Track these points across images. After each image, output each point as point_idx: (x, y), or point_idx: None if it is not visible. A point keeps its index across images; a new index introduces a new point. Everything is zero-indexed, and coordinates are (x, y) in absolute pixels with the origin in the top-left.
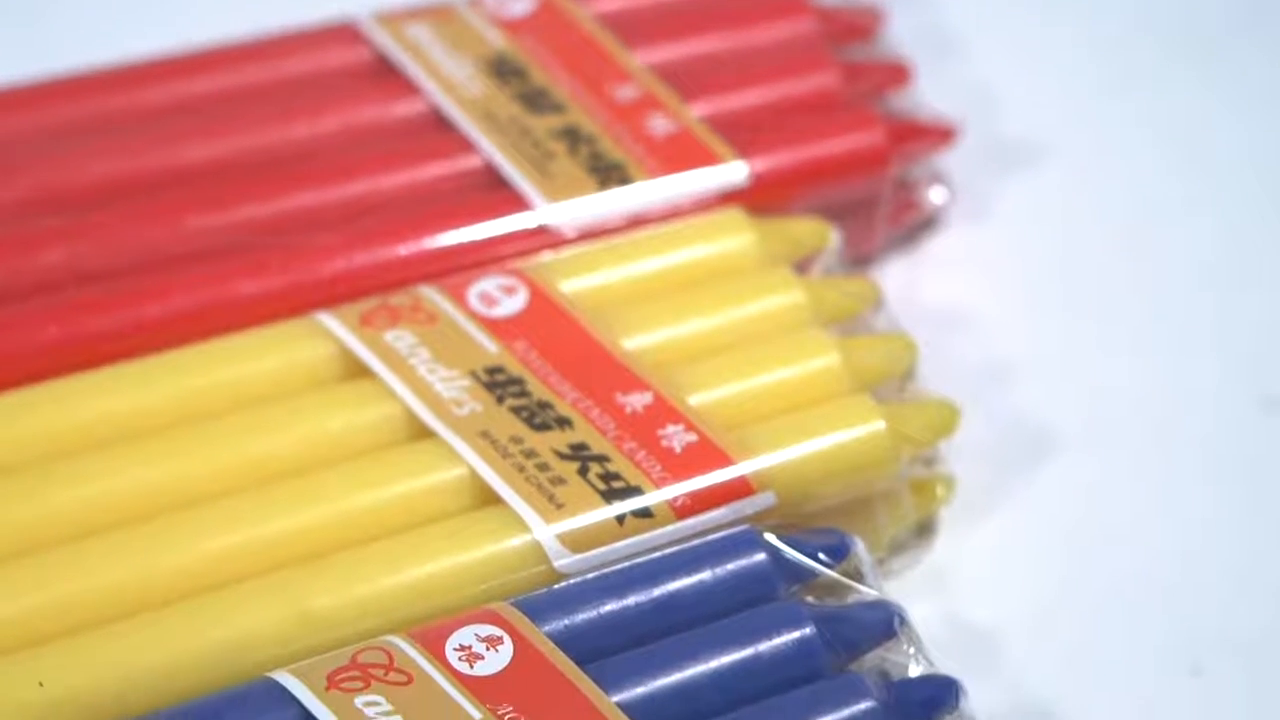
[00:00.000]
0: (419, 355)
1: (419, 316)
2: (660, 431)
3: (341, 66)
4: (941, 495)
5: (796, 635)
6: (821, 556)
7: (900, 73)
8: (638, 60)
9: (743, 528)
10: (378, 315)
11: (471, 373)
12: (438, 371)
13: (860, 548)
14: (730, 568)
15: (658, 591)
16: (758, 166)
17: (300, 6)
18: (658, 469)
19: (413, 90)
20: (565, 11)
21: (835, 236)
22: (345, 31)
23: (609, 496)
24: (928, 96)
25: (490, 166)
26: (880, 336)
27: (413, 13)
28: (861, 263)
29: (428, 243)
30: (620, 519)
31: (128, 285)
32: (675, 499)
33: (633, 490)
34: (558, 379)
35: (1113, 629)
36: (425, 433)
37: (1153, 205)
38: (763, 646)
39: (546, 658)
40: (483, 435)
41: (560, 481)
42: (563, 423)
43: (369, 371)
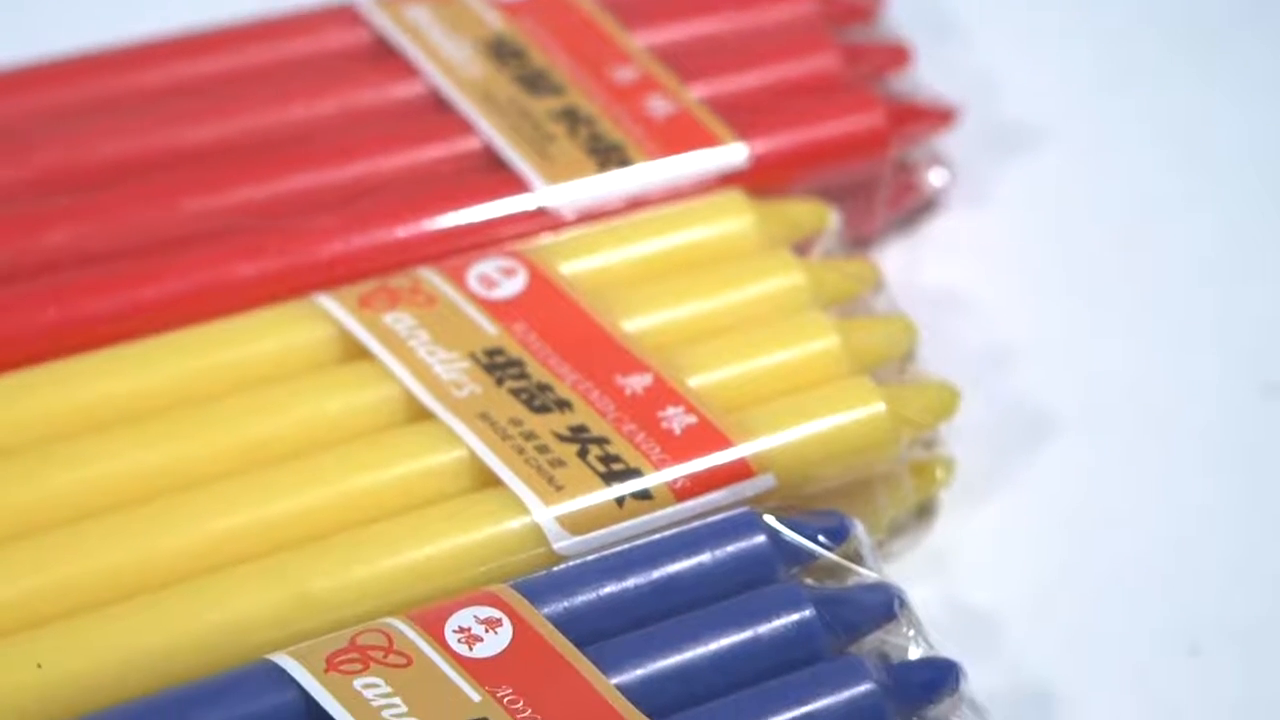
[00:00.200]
0: (418, 337)
1: (418, 298)
2: (660, 413)
3: (340, 48)
4: (941, 478)
5: (796, 617)
6: (821, 539)
7: (900, 55)
8: (637, 42)
9: (742, 510)
10: (377, 297)
11: (471, 355)
12: (437, 353)
13: (860, 530)
14: (730, 550)
15: (657, 574)
16: (757, 148)
17: None
18: (657, 451)
19: (412, 72)
20: None
21: (835, 218)
22: (344, 13)
23: (608, 479)
24: (928, 79)
25: (489, 148)
26: (880, 319)
27: None
28: (861, 245)
29: (427, 224)
30: (620, 501)
31: (126, 267)
32: (675, 481)
33: (632, 472)
34: (557, 361)
35: (1112, 611)
36: (424, 415)
37: (1153, 191)
38: (762, 629)
39: (546, 640)
40: (482, 417)
41: (560, 463)
42: (562, 405)
43: (368, 353)
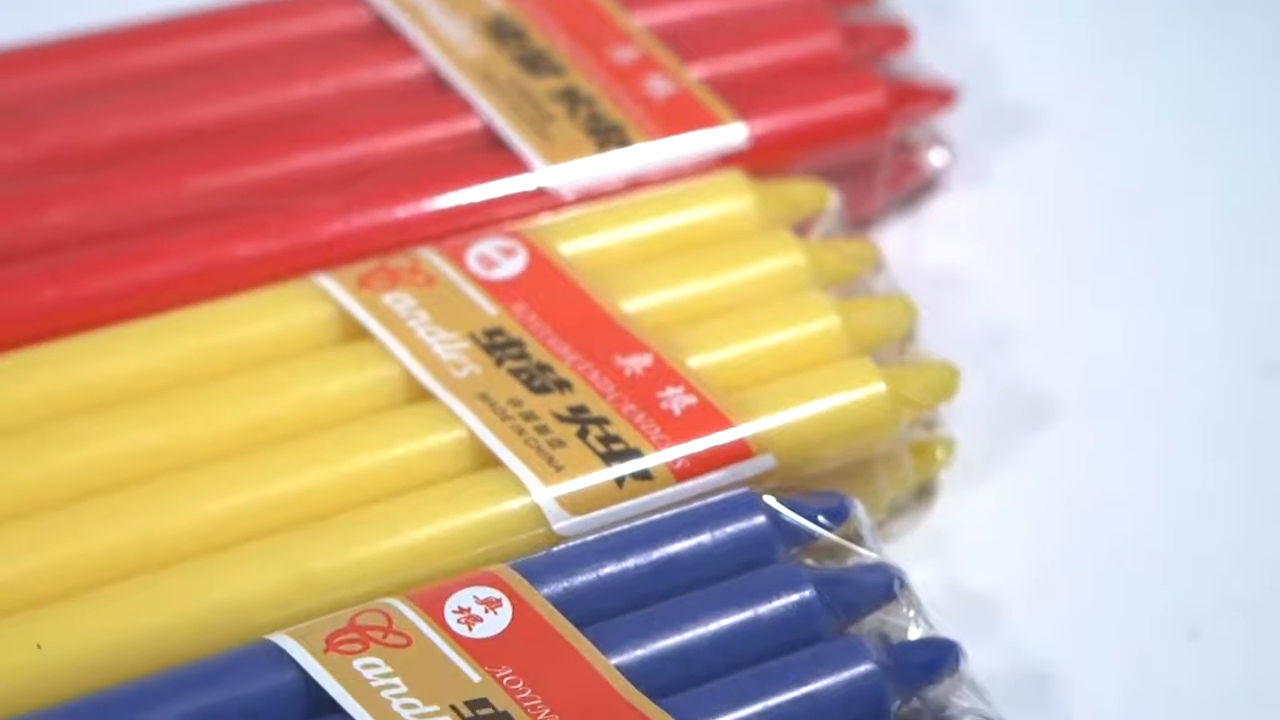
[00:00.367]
0: (418, 317)
1: (418, 279)
2: (660, 394)
3: (340, 28)
4: (941, 458)
5: (796, 598)
6: (821, 519)
7: (900, 35)
8: (637, 22)
9: (742, 490)
10: (376, 277)
11: (470, 335)
12: (437, 334)
13: (860, 510)
14: (730, 530)
15: (657, 554)
16: (757, 128)
17: None
18: (657, 431)
19: (411, 52)
20: None
21: (835, 199)
22: None
23: (608, 459)
24: (928, 59)
25: (489, 128)
26: (880, 299)
27: None
28: (861, 225)
29: (426, 205)
30: (619, 481)
31: (127, 247)
32: (675, 461)
33: (632, 453)
34: (557, 341)
35: (1111, 592)
36: (424, 395)
37: (1154, 170)
38: (762, 609)
39: (545, 620)
40: (482, 398)
41: (559, 444)
42: (562, 385)
43: (368, 334)
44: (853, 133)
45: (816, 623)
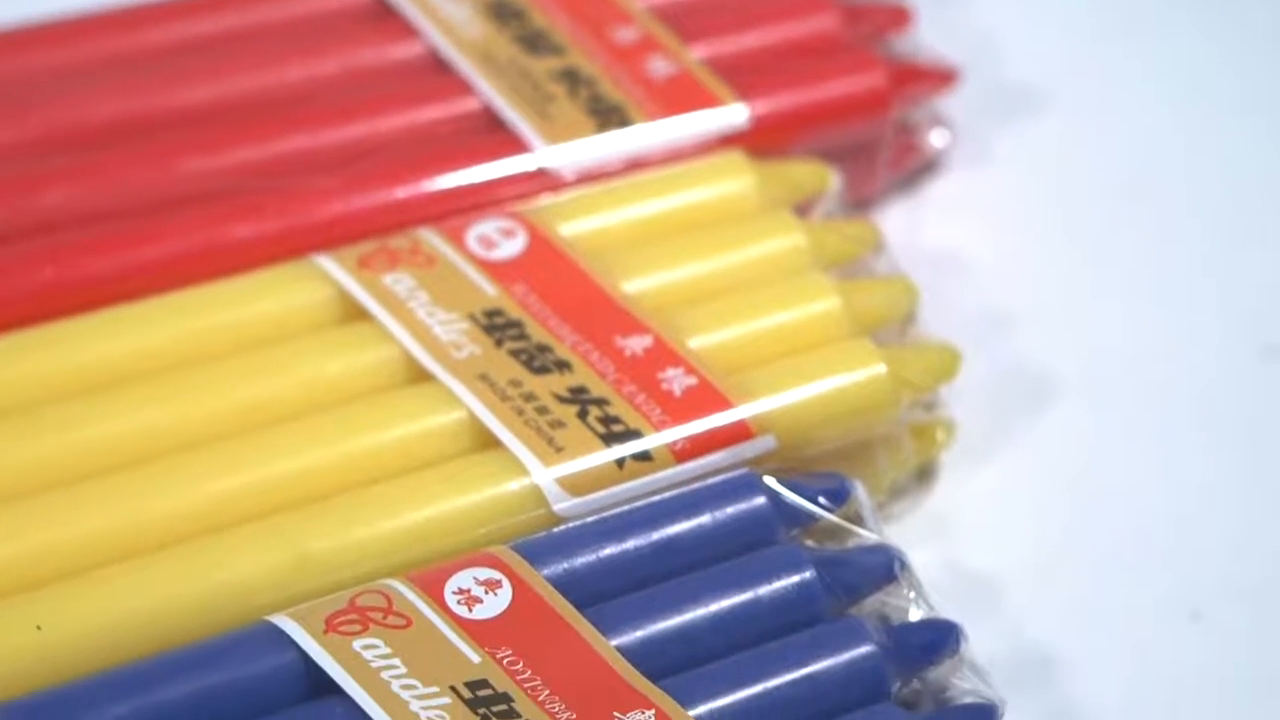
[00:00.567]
0: (417, 298)
1: (418, 259)
2: (660, 375)
3: (340, 8)
4: (942, 440)
5: (796, 579)
6: (821, 500)
7: (901, 15)
8: (637, 2)
9: (742, 471)
10: (376, 258)
11: (470, 315)
12: (436, 314)
13: (860, 492)
14: (730, 511)
15: (657, 535)
16: (758, 109)
17: None
18: (657, 412)
19: (411, 32)
20: None
21: (836, 179)
22: None
23: (608, 440)
24: (928, 39)
25: (489, 109)
26: (881, 280)
27: None
28: (862, 206)
29: (426, 185)
30: (620, 462)
31: (124, 228)
32: (675, 442)
33: (632, 433)
34: (557, 322)
35: (1112, 573)
36: (424, 376)
37: (1155, 151)
38: (762, 590)
39: (545, 601)
40: (481, 378)
41: (559, 425)
42: (562, 366)
43: (367, 314)
44: (853, 113)
45: (816, 604)
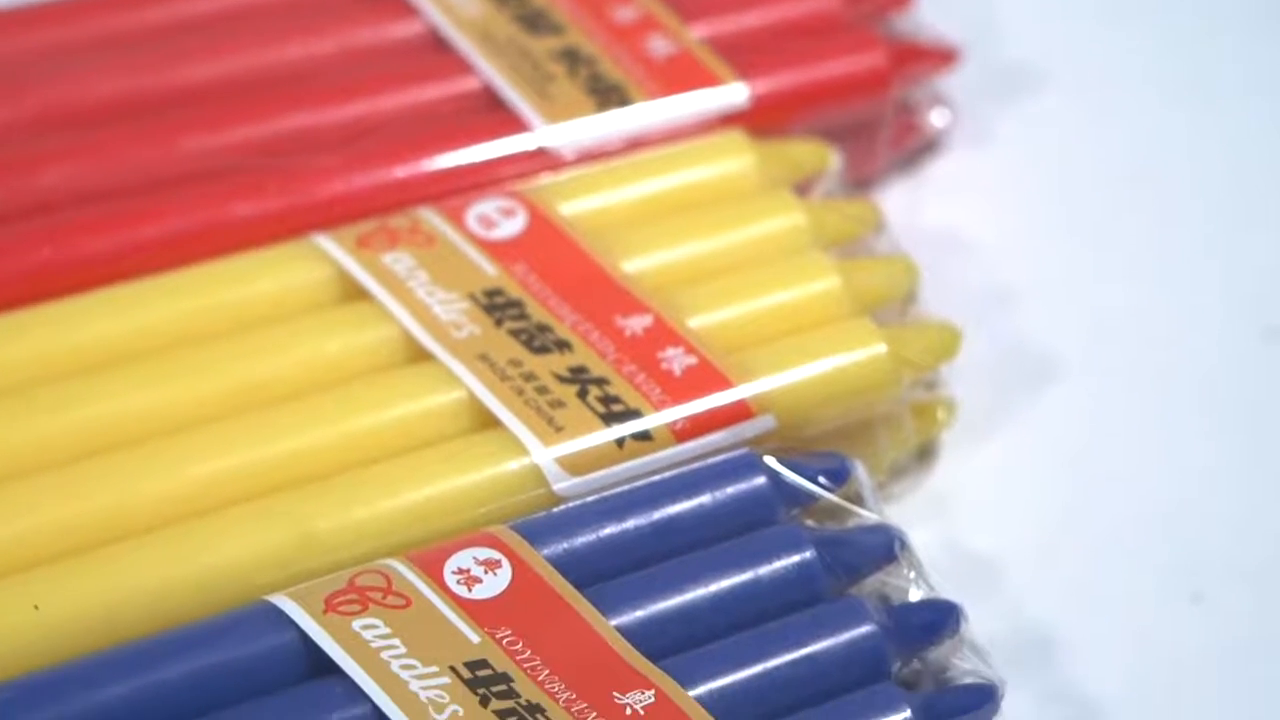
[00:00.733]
0: (417, 277)
1: (417, 239)
2: (660, 354)
3: None
4: (942, 419)
5: (796, 559)
6: (822, 480)
7: None
8: None
9: (742, 451)
10: (376, 237)
11: (470, 295)
12: (436, 294)
13: (861, 471)
14: (730, 491)
15: (657, 515)
16: (758, 88)
17: None
18: (657, 392)
19: (410, 11)
20: None
21: (836, 159)
22: None
23: (608, 419)
24: (929, 19)
25: (489, 88)
26: (881, 259)
27: None
28: (862, 185)
29: (426, 164)
30: (620, 442)
31: (123, 207)
32: (675, 422)
33: (632, 413)
34: (557, 301)
35: (1113, 553)
36: (423, 355)
37: (1156, 131)
38: (762, 570)
39: (545, 581)
40: (481, 358)
41: (559, 404)
42: (562, 345)
43: (367, 294)
44: (854, 93)
45: (817, 584)
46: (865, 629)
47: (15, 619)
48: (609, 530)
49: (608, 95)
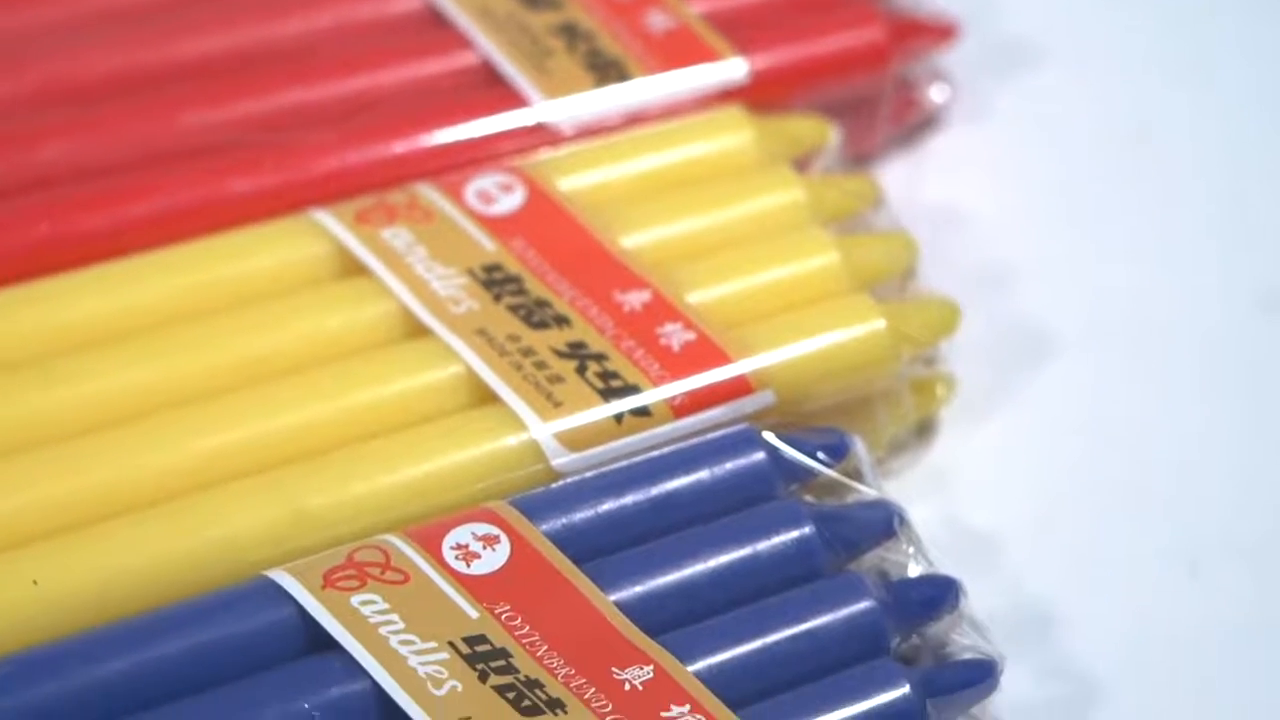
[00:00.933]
0: (416, 253)
1: (416, 214)
2: (659, 330)
3: None
4: (942, 395)
5: (795, 534)
6: (821, 456)
7: None
8: None
9: (741, 426)
10: (374, 213)
11: (469, 270)
12: (435, 269)
13: (860, 447)
14: (729, 467)
15: (656, 490)
16: (757, 64)
17: None
18: (656, 367)
19: None
20: None
21: (835, 135)
22: None
23: (607, 395)
24: None
25: (487, 63)
26: (880, 235)
27: None
28: (861, 161)
29: (424, 140)
30: (618, 418)
31: (121, 182)
32: (674, 398)
33: (631, 389)
34: (555, 277)
35: (1112, 529)
36: (422, 331)
37: (1155, 105)
38: (761, 546)
39: (544, 556)
40: (480, 333)
41: (558, 380)
42: (560, 321)
43: (365, 269)
44: (853, 68)
45: (816, 559)
46: (864, 604)
47: (13, 594)
48: (608, 506)
49: (606, 70)
